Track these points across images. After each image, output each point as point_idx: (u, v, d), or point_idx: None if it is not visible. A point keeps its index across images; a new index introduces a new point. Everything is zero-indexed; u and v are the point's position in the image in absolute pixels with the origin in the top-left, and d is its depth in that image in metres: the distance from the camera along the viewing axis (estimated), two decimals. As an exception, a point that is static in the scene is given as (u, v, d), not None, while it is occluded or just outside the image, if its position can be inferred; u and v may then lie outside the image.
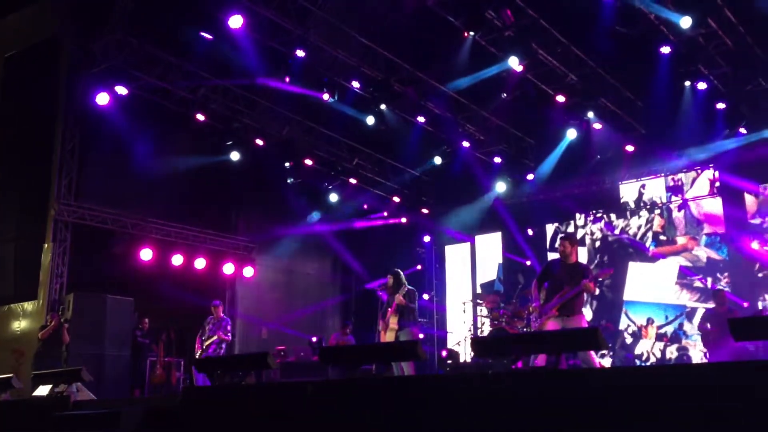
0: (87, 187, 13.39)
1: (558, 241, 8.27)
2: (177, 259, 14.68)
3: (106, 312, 12.24)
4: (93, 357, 11.72)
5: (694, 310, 13.29)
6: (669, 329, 13.55)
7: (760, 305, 12.50)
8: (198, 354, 11.33)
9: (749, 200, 13.12)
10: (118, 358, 12.26)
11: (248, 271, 16.16)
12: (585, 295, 7.77)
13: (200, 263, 15.08)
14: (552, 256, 13.16)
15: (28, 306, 12.78)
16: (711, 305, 11.53)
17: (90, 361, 11.24)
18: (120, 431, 5.31)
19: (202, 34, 11.19)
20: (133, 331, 12.81)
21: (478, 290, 16.32)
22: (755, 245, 12.84)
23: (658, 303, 13.83)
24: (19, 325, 12.80)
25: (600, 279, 8.67)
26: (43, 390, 7.27)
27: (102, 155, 13.29)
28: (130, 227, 14.09)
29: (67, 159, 13.06)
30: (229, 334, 11.54)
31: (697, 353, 12.74)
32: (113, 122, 12.08)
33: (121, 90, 11.87)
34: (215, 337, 11.32)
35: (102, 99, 11.82)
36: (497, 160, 15.11)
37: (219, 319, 11.53)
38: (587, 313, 14.33)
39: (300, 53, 11.37)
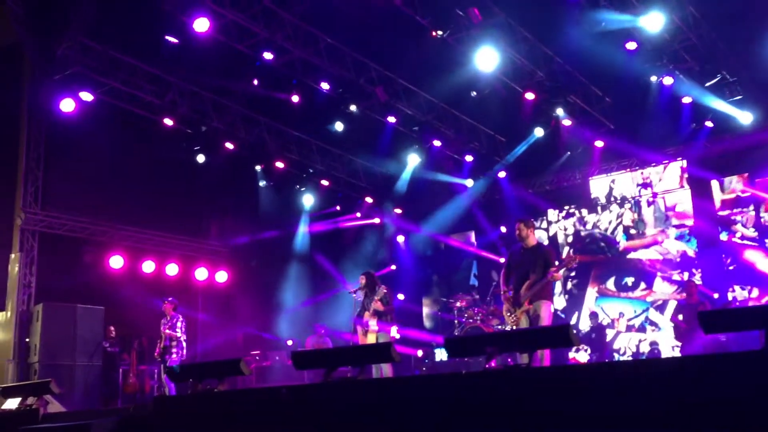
0: (54, 195, 13.20)
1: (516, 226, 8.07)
2: (148, 266, 14.52)
3: (76, 322, 12.06)
4: (64, 368, 11.54)
5: (665, 302, 13.44)
6: (637, 322, 13.71)
7: (729, 296, 12.68)
8: (158, 358, 10.93)
9: (717, 193, 13.29)
10: (89, 368, 12.07)
11: (221, 276, 16.04)
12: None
13: (172, 269, 14.94)
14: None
15: (-3, 317, 12.55)
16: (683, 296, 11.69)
17: (60, 372, 11.07)
18: (90, 443, 5.22)
19: (167, 38, 11.02)
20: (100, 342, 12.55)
21: (453, 289, 16.31)
22: (724, 237, 13.02)
23: (629, 298, 13.95)
24: (-12, 337, 12.55)
25: (567, 266, 8.62)
26: (12, 403, 7.13)
27: (68, 162, 13.10)
28: (99, 235, 13.90)
29: (32, 167, 12.87)
30: (177, 330, 10.85)
31: (667, 347, 12.88)
32: (79, 129, 11.89)
33: (86, 96, 11.64)
34: (165, 338, 10.81)
35: (67, 105, 11.59)
36: (469, 158, 15.14)
37: (169, 318, 11.01)
38: (560, 302, 14.47)
39: (267, 56, 11.28)
